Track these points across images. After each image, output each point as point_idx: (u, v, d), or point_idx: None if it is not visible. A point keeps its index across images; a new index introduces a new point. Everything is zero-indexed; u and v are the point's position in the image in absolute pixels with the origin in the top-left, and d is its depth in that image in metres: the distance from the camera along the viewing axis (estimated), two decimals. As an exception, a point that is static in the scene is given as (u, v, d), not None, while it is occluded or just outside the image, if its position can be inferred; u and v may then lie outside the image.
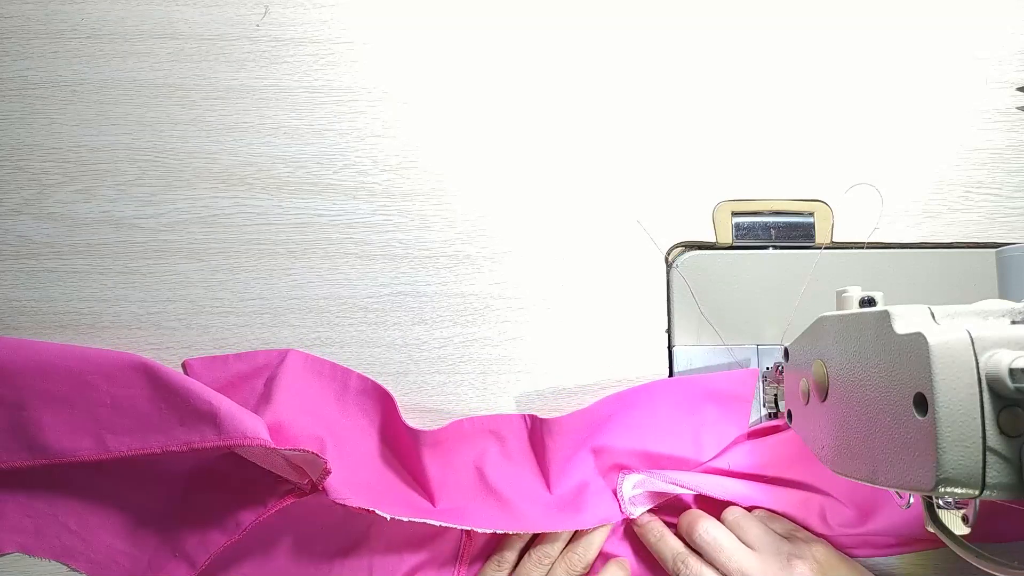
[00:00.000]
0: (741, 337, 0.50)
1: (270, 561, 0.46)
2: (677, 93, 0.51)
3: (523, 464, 0.48)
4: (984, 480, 0.29)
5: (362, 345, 0.49)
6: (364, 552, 0.47)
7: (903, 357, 0.31)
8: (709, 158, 0.51)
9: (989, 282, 0.50)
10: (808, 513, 0.46)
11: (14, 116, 0.49)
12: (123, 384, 0.44)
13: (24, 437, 0.44)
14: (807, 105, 0.51)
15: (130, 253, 0.49)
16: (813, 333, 0.41)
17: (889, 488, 0.34)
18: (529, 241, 0.50)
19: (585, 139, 0.51)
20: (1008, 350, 0.29)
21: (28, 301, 0.48)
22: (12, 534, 0.46)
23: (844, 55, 0.52)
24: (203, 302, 0.49)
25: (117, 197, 0.49)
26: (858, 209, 0.51)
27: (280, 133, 0.50)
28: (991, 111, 0.52)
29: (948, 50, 0.52)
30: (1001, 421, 0.29)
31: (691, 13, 0.52)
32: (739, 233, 0.51)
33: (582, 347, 0.50)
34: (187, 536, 0.46)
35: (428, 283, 0.50)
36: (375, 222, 0.50)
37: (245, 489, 0.46)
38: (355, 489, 0.44)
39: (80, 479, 0.46)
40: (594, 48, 0.51)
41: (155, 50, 0.50)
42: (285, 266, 0.49)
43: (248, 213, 0.49)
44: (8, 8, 0.50)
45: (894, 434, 0.32)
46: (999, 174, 0.51)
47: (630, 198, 0.51)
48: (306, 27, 0.51)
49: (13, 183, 0.49)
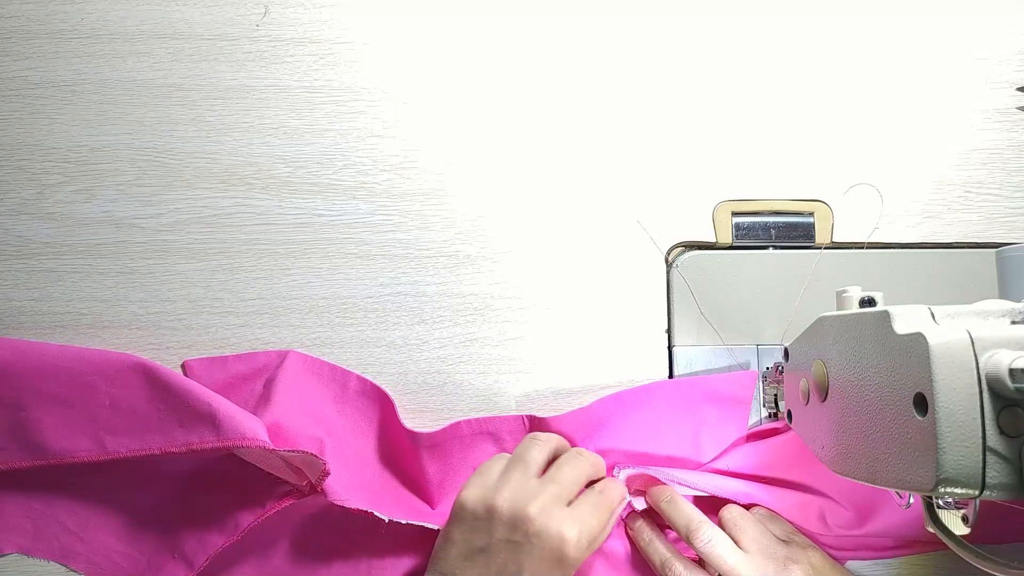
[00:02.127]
0: (741, 337, 0.50)
1: (268, 562, 0.46)
2: (677, 93, 0.51)
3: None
4: (984, 480, 0.29)
5: (362, 345, 0.49)
6: (362, 554, 0.47)
7: (903, 357, 0.31)
8: (709, 158, 0.51)
9: (989, 282, 0.50)
10: (807, 515, 0.46)
11: (14, 116, 0.49)
12: (122, 385, 0.44)
13: (23, 438, 0.44)
14: (807, 105, 0.51)
15: (130, 253, 0.49)
16: (813, 333, 0.41)
17: (889, 488, 0.34)
18: (529, 241, 0.50)
19: (585, 139, 0.51)
20: (1008, 350, 0.29)
21: (28, 301, 0.48)
22: (11, 535, 0.46)
23: (844, 55, 0.52)
24: (203, 302, 0.49)
25: (117, 197, 0.49)
26: (858, 209, 0.51)
27: (280, 133, 0.50)
28: (991, 111, 0.52)
29: (948, 50, 0.52)
30: (1001, 421, 0.29)
31: (691, 13, 0.52)
32: (739, 233, 0.51)
33: (582, 347, 0.50)
34: (186, 537, 0.46)
35: (428, 283, 0.50)
36: (375, 222, 0.50)
37: (244, 490, 0.46)
38: (354, 491, 0.44)
39: (79, 480, 0.46)
40: (594, 48, 0.51)
41: (155, 50, 0.50)
42: (285, 266, 0.49)
43: (248, 213, 0.49)
44: (8, 8, 0.50)
45: (894, 434, 0.32)
46: (999, 174, 0.51)
47: (630, 198, 0.51)
48: (306, 27, 0.51)
49: (13, 183, 0.49)
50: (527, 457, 0.41)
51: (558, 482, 0.40)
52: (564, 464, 0.42)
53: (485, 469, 0.42)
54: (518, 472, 0.40)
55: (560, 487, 0.40)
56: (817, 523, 0.46)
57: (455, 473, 0.47)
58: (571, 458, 0.43)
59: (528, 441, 0.43)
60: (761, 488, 0.47)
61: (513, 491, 0.39)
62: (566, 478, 0.41)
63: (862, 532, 0.45)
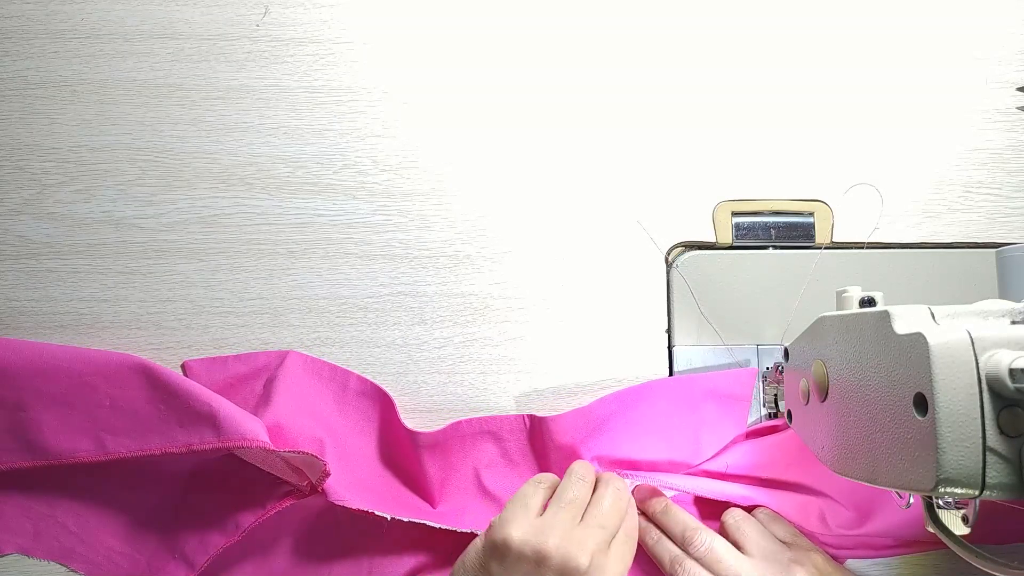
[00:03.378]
0: (741, 337, 0.50)
1: (269, 562, 0.46)
2: (677, 93, 0.51)
3: (522, 464, 0.48)
4: (984, 480, 0.29)
5: (362, 345, 0.49)
6: (363, 554, 0.47)
7: (903, 357, 0.31)
8: (709, 158, 0.51)
9: (989, 282, 0.50)
10: (807, 514, 0.46)
11: (14, 116, 0.49)
12: (122, 385, 0.44)
13: (23, 438, 0.44)
14: (807, 105, 0.51)
15: (130, 253, 0.49)
16: (813, 333, 0.41)
17: (889, 488, 0.34)
18: (529, 241, 0.50)
19: (585, 139, 0.51)
20: (1008, 350, 0.29)
21: (28, 301, 0.48)
22: (11, 535, 0.46)
23: (844, 55, 0.52)
24: (203, 302, 0.49)
25: (117, 197, 0.49)
26: (858, 209, 0.51)
27: (280, 133, 0.50)
28: (991, 111, 0.52)
29: (948, 50, 0.52)
30: (1001, 421, 0.29)
31: (691, 14, 0.52)
32: (739, 233, 0.51)
33: (582, 347, 0.50)
34: (186, 537, 0.46)
35: (428, 283, 0.50)
36: (375, 222, 0.50)
37: (244, 490, 0.46)
38: (354, 491, 0.44)
39: (79, 480, 0.46)
40: (594, 48, 0.51)
41: (155, 50, 0.50)
42: (285, 266, 0.49)
43: (248, 213, 0.49)
44: (8, 8, 0.50)
45: (894, 434, 0.32)
46: (999, 174, 0.51)
47: (630, 198, 0.51)
48: (306, 27, 0.51)
49: (13, 183, 0.49)
50: (575, 498, 0.40)
51: (604, 527, 0.39)
52: (605, 502, 0.41)
53: (526, 500, 0.40)
54: (567, 515, 0.39)
55: (606, 532, 0.39)
56: (817, 523, 0.46)
57: (455, 472, 0.47)
58: (611, 494, 0.42)
59: (574, 480, 0.42)
60: (760, 490, 0.47)
61: (563, 537, 0.38)
62: (610, 522, 0.40)
63: (862, 532, 0.45)
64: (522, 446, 0.48)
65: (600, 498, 0.41)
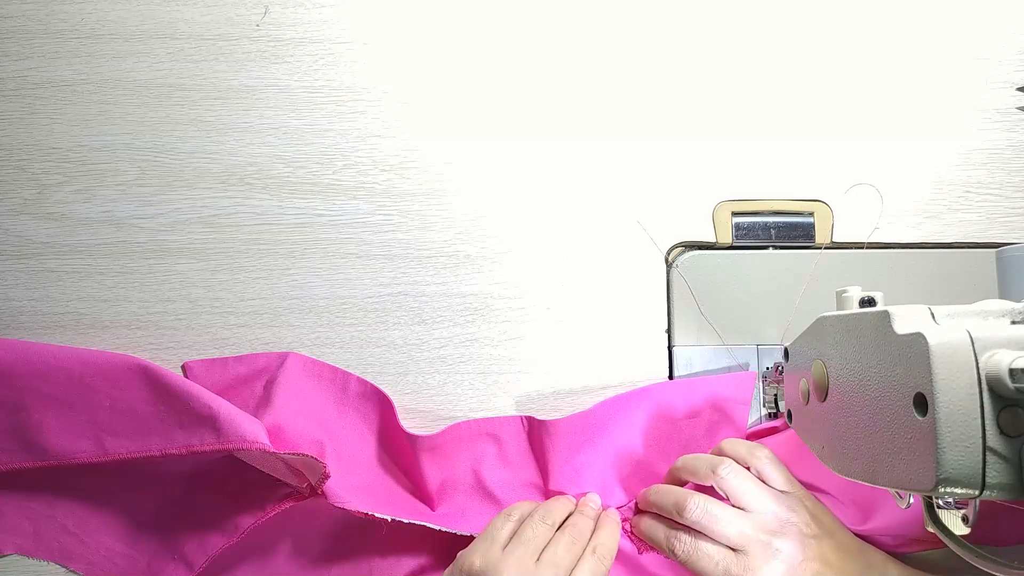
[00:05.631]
0: (741, 337, 0.50)
1: (269, 564, 0.46)
2: (677, 93, 0.51)
3: (521, 466, 0.48)
4: (984, 480, 0.29)
5: (362, 345, 0.49)
6: (363, 555, 0.47)
7: (903, 357, 0.31)
8: (709, 158, 0.51)
9: (989, 282, 0.50)
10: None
11: (14, 116, 0.49)
12: (122, 386, 0.44)
13: (23, 439, 0.44)
14: (807, 105, 0.51)
15: (130, 253, 0.49)
16: (813, 333, 0.41)
17: (889, 488, 0.34)
18: (529, 241, 0.50)
19: (585, 139, 0.51)
20: (1008, 350, 0.29)
21: (28, 301, 0.48)
22: (11, 536, 0.46)
23: (844, 55, 0.52)
24: (203, 302, 0.49)
25: (117, 197, 0.49)
26: (858, 209, 0.51)
27: (280, 133, 0.50)
28: (991, 111, 0.52)
29: (948, 50, 0.52)
30: (1001, 421, 0.29)
31: (691, 13, 0.52)
32: (739, 233, 0.51)
33: (582, 347, 0.50)
34: (186, 538, 0.46)
35: (428, 283, 0.50)
36: (375, 222, 0.50)
37: (244, 492, 0.46)
38: (354, 493, 0.44)
39: (79, 481, 0.46)
40: (594, 48, 0.51)
41: (155, 50, 0.50)
42: (285, 266, 0.49)
43: (248, 213, 0.49)
44: (8, 8, 0.50)
45: (894, 434, 0.32)
46: (999, 174, 0.51)
47: (630, 198, 0.51)
48: (306, 27, 0.51)
49: (13, 183, 0.49)
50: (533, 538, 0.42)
51: (558, 566, 0.41)
52: (561, 545, 0.42)
53: (493, 533, 0.42)
54: (524, 551, 0.41)
55: (559, 570, 0.41)
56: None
57: (455, 474, 0.47)
58: (566, 538, 0.42)
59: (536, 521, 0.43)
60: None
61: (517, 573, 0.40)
62: (564, 562, 0.41)
63: (863, 530, 0.45)
64: (521, 447, 0.48)
65: (556, 541, 0.42)
